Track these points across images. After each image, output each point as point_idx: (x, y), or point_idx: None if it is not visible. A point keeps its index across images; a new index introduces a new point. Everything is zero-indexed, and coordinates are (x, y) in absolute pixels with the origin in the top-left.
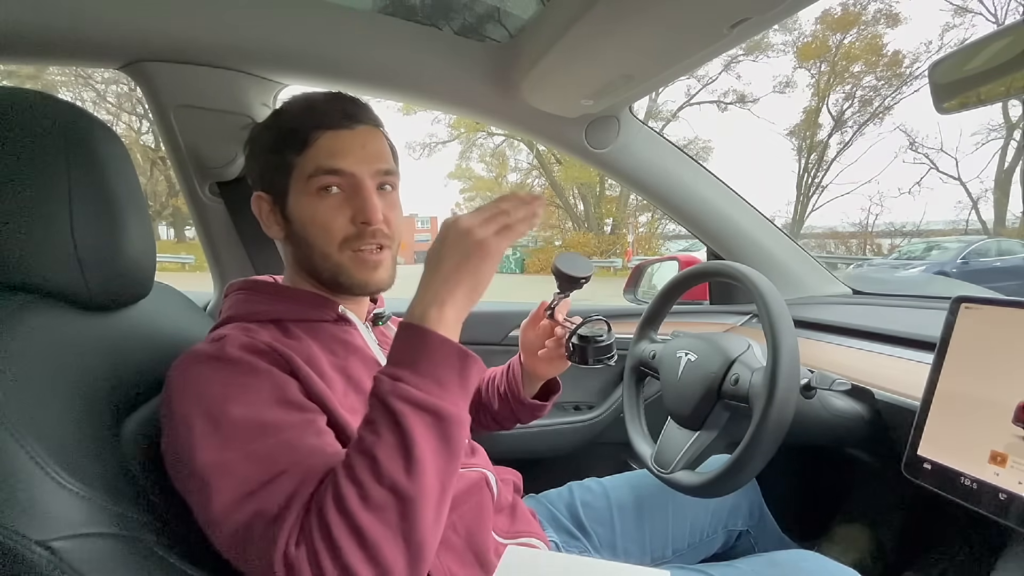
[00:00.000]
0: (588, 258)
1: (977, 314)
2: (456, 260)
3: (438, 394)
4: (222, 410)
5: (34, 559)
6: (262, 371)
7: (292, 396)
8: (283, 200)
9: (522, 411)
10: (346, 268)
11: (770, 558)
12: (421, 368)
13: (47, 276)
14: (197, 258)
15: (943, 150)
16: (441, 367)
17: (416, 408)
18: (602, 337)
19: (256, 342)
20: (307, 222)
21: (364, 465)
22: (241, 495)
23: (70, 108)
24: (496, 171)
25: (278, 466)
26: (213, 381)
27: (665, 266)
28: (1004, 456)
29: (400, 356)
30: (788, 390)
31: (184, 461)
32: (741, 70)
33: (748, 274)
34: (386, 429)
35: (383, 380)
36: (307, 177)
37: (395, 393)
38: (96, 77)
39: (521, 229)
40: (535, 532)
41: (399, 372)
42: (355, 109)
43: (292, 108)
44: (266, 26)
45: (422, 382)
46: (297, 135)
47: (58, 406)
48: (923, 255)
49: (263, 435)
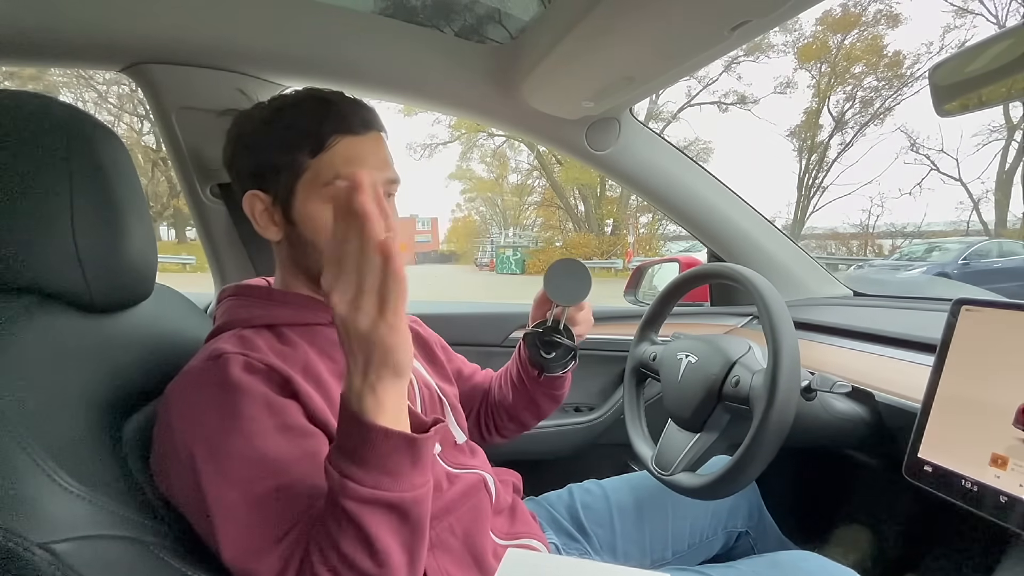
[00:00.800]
0: (585, 265)
1: (978, 316)
2: (362, 356)
3: (389, 486)
4: (222, 442)
5: (35, 561)
6: (261, 396)
7: (292, 421)
8: (286, 201)
9: (539, 393)
10: None
11: (771, 559)
12: (370, 462)
13: (48, 278)
14: (198, 259)
15: (944, 151)
16: (390, 458)
17: (369, 505)
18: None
19: (254, 362)
20: (319, 227)
21: (332, 554)
22: (245, 550)
23: (71, 109)
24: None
25: (280, 525)
26: (212, 408)
27: (666, 267)
28: (1005, 459)
29: (347, 447)
30: (789, 392)
31: (186, 486)
32: (742, 71)
33: (748, 276)
34: (346, 523)
35: (332, 476)
36: (323, 183)
37: (344, 493)
38: (97, 78)
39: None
40: (534, 533)
41: (347, 469)
42: (370, 115)
43: (302, 106)
44: (267, 28)
45: (370, 478)
46: (314, 136)
47: (59, 408)
48: (924, 256)
49: (264, 474)
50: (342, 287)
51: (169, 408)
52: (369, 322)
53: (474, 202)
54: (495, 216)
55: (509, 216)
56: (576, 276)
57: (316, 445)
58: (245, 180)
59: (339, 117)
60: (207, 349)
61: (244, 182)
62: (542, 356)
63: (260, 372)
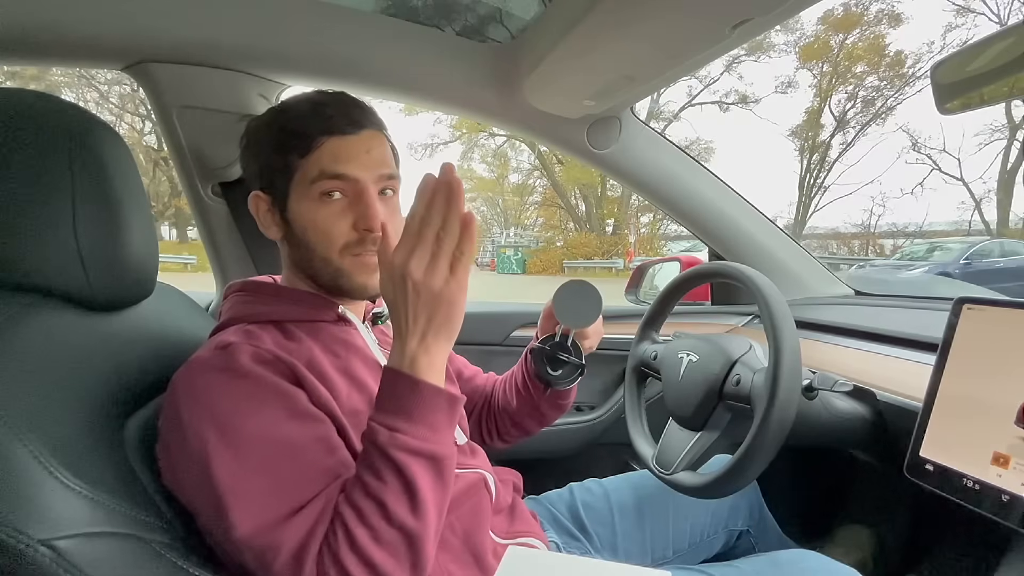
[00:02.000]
0: (595, 287)
1: (980, 315)
2: (425, 316)
3: (433, 439)
4: (236, 426)
5: (37, 558)
6: (271, 383)
7: (302, 407)
8: (283, 201)
9: (544, 403)
10: (346, 272)
11: (772, 558)
12: (416, 416)
13: (50, 276)
14: (199, 258)
15: (946, 151)
16: (434, 413)
17: (416, 456)
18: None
19: (262, 352)
20: (308, 226)
21: (373, 509)
22: (262, 525)
23: (73, 109)
24: (498, 172)
25: (298, 498)
26: (224, 394)
27: (667, 267)
28: (1007, 458)
29: (393, 405)
30: (790, 391)
31: (196, 474)
32: (743, 70)
33: (750, 275)
34: (390, 476)
35: (380, 431)
36: (310, 181)
37: (395, 444)
38: (99, 78)
39: (467, 250)
40: (534, 532)
41: (395, 423)
42: (360, 114)
43: (296, 108)
44: (269, 27)
45: (418, 430)
46: (302, 138)
47: (61, 406)
48: (925, 256)
49: (279, 455)
50: (420, 254)
51: (177, 396)
52: (442, 281)
53: (475, 202)
54: (496, 216)
55: (510, 216)
56: (586, 298)
57: (325, 430)
58: (251, 181)
59: (325, 118)
60: (213, 340)
61: (251, 183)
62: (549, 372)
63: (268, 362)
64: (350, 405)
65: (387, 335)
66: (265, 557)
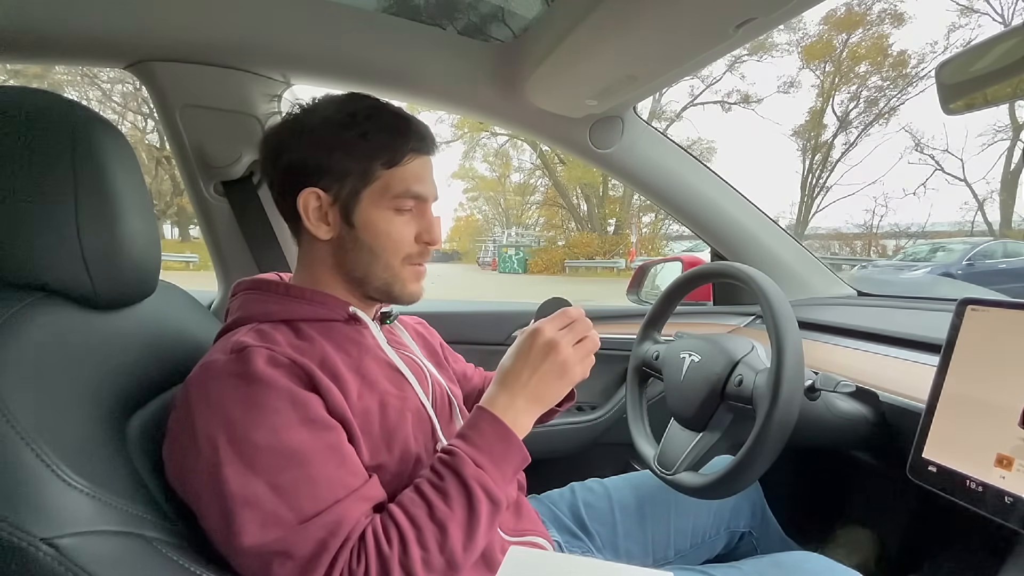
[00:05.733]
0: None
1: (983, 316)
2: (546, 384)
3: (503, 487)
4: (247, 435)
5: (39, 556)
6: (285, 389)
7: (315, 414)
8: (349, 204)
9: None
10: (402, 279)
11: (774, 559)
12: (502, 465)
13: (52, 275)
14: (201, 257)
15: (949, 151)
16: (511, 464)
17: (489, 497)
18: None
19: (277, 355)
20: (380, 233)
21: (432, 533)
22: (270, 535)
23: (76, 107)
24: (499, 171)
25: (307, 509)
26: (237, 401)
27: (669, 267)
28: (1010, 459)
29: (484, 444)
30: (792, 392)
31: (205, 478)
32: (745, 70)
33: (752, 275)
34: (459, 506)
35: (467, 462)
36: (393, 195)
37: (478, 480)
38: (102, 76)
39: (593, 342)
40: (539, 531)
41: (483, 461)
42: (432, 136)
43: (380, 118)
44: (271, 26)
45: (499, 476)
46: (391, 151)
47: (63, 404)
48: (928, 257)
49: (289, 465)
50: (573, 334)
51: (190, 399)
52: (579, 359)
53: (477, 201)
54: (498, 215)
55: (512, 215)
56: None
57: (337, 438)
58: (300, 176)
59: (418, 136)
60: (227, 341)
61: (298, 178)
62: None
63: (284, 366)
64: (361, 405)
65: (395, 334)
66: (271, 566)
